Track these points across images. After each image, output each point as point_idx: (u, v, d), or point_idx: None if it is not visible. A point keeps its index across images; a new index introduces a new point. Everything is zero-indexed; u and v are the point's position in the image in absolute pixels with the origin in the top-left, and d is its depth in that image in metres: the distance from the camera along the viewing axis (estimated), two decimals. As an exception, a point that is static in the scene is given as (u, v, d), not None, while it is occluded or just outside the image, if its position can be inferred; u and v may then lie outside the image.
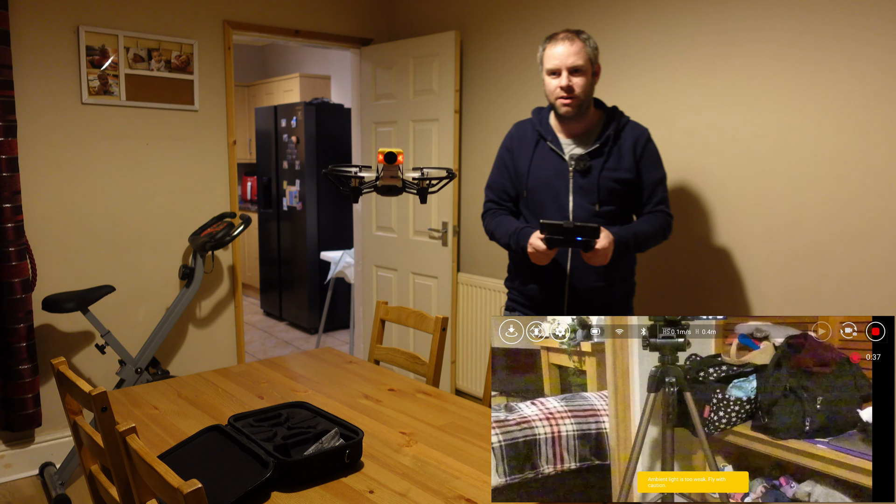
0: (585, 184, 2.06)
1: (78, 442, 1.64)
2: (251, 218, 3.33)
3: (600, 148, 2.06)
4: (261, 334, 5.52)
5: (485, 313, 3.48)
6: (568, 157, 2.08)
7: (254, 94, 6.90)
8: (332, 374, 2.14)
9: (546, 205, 2.10)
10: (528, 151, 2.15)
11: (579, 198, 2.06)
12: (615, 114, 2.12)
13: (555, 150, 2.10)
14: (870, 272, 2.14)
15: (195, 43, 3.27)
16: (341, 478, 1.44)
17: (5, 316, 2.76)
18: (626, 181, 2.07)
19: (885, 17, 2.05)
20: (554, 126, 2.14)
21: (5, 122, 2.69)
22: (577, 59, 2.00)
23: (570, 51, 2.00)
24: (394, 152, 1.58)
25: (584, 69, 2.01)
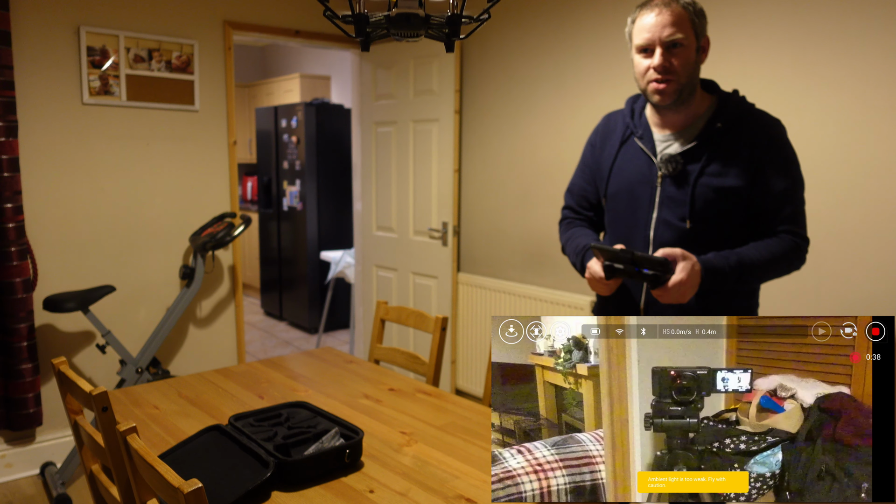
0: (676, 193, 1.59)
1: (79, 441, 1.64)
2: (251, 218, 3.34)
3: (702, 145, 1.58)
4: (261, 334, 5.52)
5: (485, 313, 3.48)
6: (659, 159, 1.63)
7: (254, 95, 6.90)
8: (333, 374, 2.14)
9: (624, 218, 1.69)
10: (612, 149, 1.72)
11: (666, 211, 1.60)
12: (731, 100, 1.63)
13: (644, 148, 1.65)
14: (870, 272, 2.14)
15: (196, 43, 3.27)
16: (341, 477, 1.44)
17: (6, 315, 2.76)
18: (734, 191, 1.56)
19: (885, 17, 2.06)
20: (649, 118, 1.68)
21: (6, 123, 2.69)
22: (676, 30, 1.53)
23: (667, 20, 1.53)
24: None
25: (685, 42, 1.54)
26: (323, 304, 5.15)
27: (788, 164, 1.59)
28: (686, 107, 1.60)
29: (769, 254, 1.55)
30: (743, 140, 1.57)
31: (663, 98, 1.57)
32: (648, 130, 1.67)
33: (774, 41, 2.32)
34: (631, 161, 1.67)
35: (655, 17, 1.54)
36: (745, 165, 1.56)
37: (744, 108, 1.62)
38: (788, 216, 1.58)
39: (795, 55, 2.27)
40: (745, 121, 1.59)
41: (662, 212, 1.61)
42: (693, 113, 1.62)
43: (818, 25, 2.21)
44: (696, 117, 1.62)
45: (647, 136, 1.66)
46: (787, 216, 1.58)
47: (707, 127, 1.60)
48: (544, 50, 3.12)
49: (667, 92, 1.56)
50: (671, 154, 1.61)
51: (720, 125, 1.58)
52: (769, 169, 1.56)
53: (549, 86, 3.12)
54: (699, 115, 1.62)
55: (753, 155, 1.56)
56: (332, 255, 4.82)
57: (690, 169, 1.58)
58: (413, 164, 3.75)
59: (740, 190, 1.56)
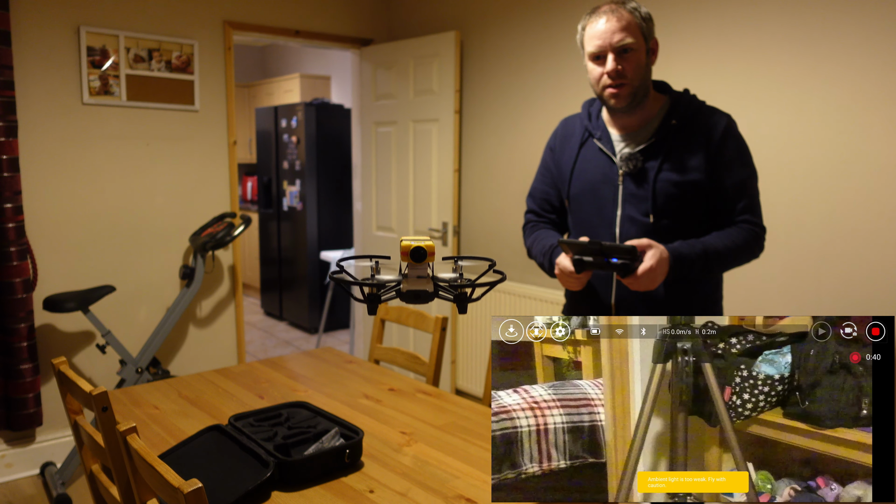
0: (638, 190, 1.65)
1: (79, 441, 1.64)
2: (251, 218, 3.34)
3: (658, 143, 1.64)
4: (261, 334, 5.52)
5: (485, 313, 3.48)
6: (619, 158, 1.68)
7: (254, 95, 6.90)
8: (333, 374, 2.14)
9: (588, 217, 1.73)
10: (572, 151, 1.77)
11: (629, 208, 1.66)
12: (683, 99, 1.69)
13: (603, 149, 1.70)
14: (870, 272, 2.14)
15: (195, 43, 3.27)
16: (341, 477, 1.44)
17: (6, 316, 2.76)
18: (692, 185, 1.62)
19: (885, 17, 2.06)
20: (606, 120, 1.74)
21: (6, 123, 2.69)
22: (625, 35, 1.58)
23: (616, 26, 1.58)
24: (422, 247, 1.15)
25: (635, 47, 1.59)
26: (323, 304, 5.15)
27: (742, 156, 1.66)
28: (641, 108, 1.66)
29: (731, 242, 1.61)
30: (697, 136, 1.63)
31: (618, 102, 1.63)
32: (606, 132, 1.73)
33: (773, 42, 2.32)
34: (591, 162, 1.73)
35: (605, 24, 1.59)
36: (702, 160, 1.62)
37: (695, 106, 1.68)
38: (746, 207, 1.65)
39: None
40: (697, 117, 1.66)
41: (626, 209, 1.66)
42: (648, 113, 1.68)
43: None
44: (651, 117, 1.68)
45: (606, 138, 1.72)
46: (745, 207, 1.64)
47: (662, 125, 1.65)
48: (544, 50, 3.12)
49: (621, 96, 1.62)
50: (630, 152, 1.66)
51: (675, 122, 1.64)
52: (725, 162, 1.63)
53: (549, 86, 3.12)
54: (654, 114, 1.69)
55: (709, 149, 1.62)
56: (332, 254, 4.83)
57: (649, 166, 1.64)
58: (413, 164, 3.75)
59: (699, 183, 1.62)
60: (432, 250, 1.15)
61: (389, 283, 1.18)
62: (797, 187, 2.28)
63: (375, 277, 1.19)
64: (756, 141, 2.37)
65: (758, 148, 2.36)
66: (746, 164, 1.66)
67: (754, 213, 1.66)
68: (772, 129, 2.33)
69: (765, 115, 2.35)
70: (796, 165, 2.28)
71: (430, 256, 1.16)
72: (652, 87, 1.69)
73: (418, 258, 1.16)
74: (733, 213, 1.64)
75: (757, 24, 2.35)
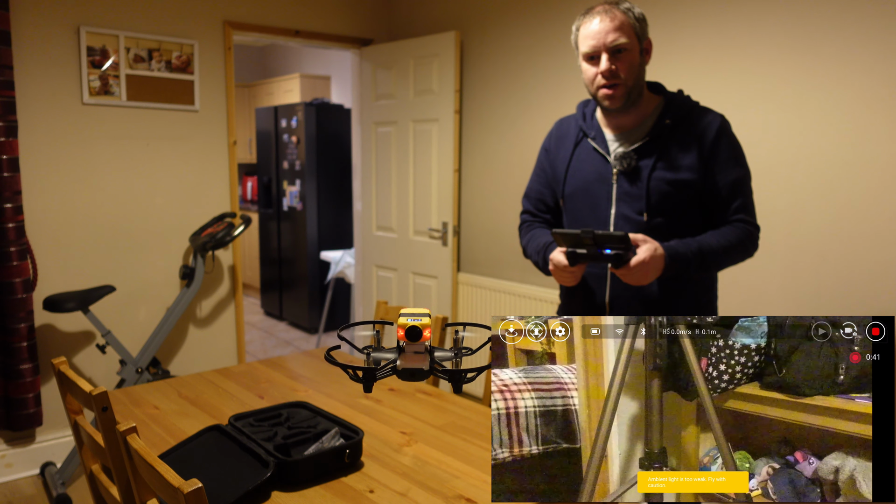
0: (632, 189, 1.66)
1: (79, 441, 1.64)
2: (251, 218, 3.34)
3: (652, 143, 1.66)
4: (261, 334, 5.52)
5: (485, 313, 3.48)
6: (613, 157, 1.70)
7: (254, 95, 6.90)
8: (333, 374, 2.14)
9: (583, 216, 1.74)
10: (567, 151, 1.79)
11: (624, 206, 1.67)
12: (676, 99, 1.71)
13: (598, 148, 1.72)
14: (870, 272, 2.14)
15: (196, 43, 3.27)
16: (341, 477, 1.44)
17: (6, 316, 2.76)
18: (686, 184, 1.63)
19: (884, 16, 2.06)
20: (600, 120, 1.76)
21: (6, 123, 2.69)
22: (619, 35, 1.59)
23: (609, 26, 1.60)
24: (417, 327, 1.11)
25: (629, 47, 1.61)
26: (323, 304, 5.15)
27: (736, 156, 1.67)
28: (635, 108, 1.68)
29: (726, 241, 1.62)
30: (691, 135, 1.65)
31: (613, 102, 1.64)
32: (600, 132, 1.74)
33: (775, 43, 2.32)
34: (586, 161, 1.74)
35: (599, 25, 1.61)
36: (696, 159, 1.63)
37: (689, 106, 1.69)
38: (740, 206, 1.66)
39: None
40: (691, 117, 1.67)
41: (620, 207, 1.68)
42: (642, 113, 1.69)
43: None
44: (645, 117, 1.70)
45: (600, 137, 1.73)
46: (740, 206, 1.66)
47: (657, 124, 1.67)
48: (544, 50, 3.12)
49: (616, 96, 1.63)
50: (625, 151, 1.68)
51: (669, 122, 1.66)
52: (718, 162, 1.64)
53: (549, 86, 3.12)
54: (648, 114, 1.70)
55: (702, 149, 1.64)
56: (332, 255, 4.83)
57: (643, 164, 1.65)
58: (413, 164, 3.75)
59: (693, 182, 1.63)
60: (428, 328, 1.12)
61: (385, 363, 1.16)
62: (797, 187, 2.28)
63: (371, 356, 1.18)
64: (756, 141, 2.37)
65: (758, 147, 2.36)
66: (740, 164, 1.67)
67: (748, 212, 1.67)
68: (771, 128, 2.33)
69: (764, 115, 2.35)
70: (796, 165, 2.28)
71: (426, 334, 1.12)
72: (646, 87, 1.70)
73: (414, 337, 1.13)
74: (727, 212, 1.66)
75: (757, 24, 2.35)
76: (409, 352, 1.15)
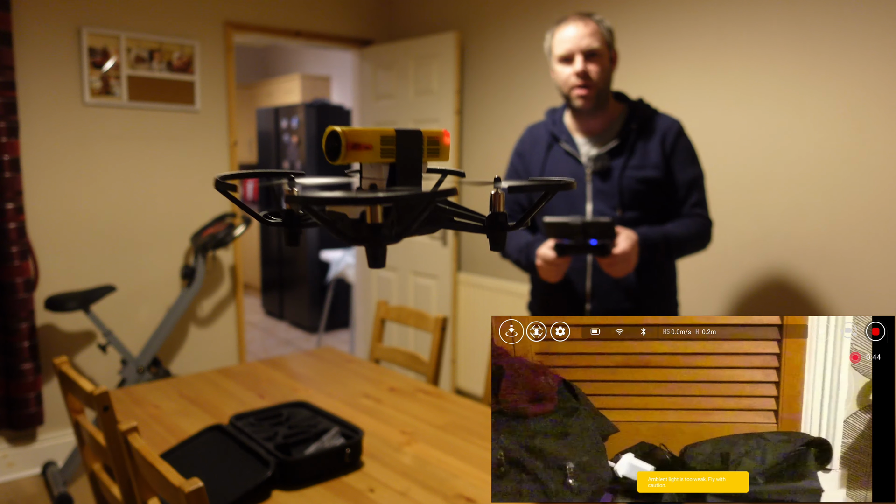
0: (605, 187, 1.82)
1: (80, 441, 1.64)
2: (252, 218, 3.34)
3: (621, 145, 1.83)
4: (262, 334, 5.53)
5: (485, 313, 3.49)
6: (585, 159, 1.86)
7: (254, 95, 6.90)
8: (333, 374, 2.14)
9: (562, 214, 1.87)
10: (539, 155, 1.93)
11: (599, 203, 1.83)
12: (639, 106, 1.89)
13: (570, 151, 1.88)
14: (870, 272, 2.14)
15: (196, 44, 3.28)
16: (342, 476, 1.45)
17: (8, 315, 2.77)
18: (653, 181, 1.82)
19: (884, 16, 2.06)
20: (569, 125, 1.92)
21: (8, 123, 2.69)
22: (592, 40, 1.77)
23: (584, 32, 1.77)
24: (336, 131, 0.69)
25: (600, 52, 1.79)
26: (323, 304, 5.16)
27: (692, 156, 1.88)
28: (603, 112, 1.86)
29: (687, 230, 1.82)
30: (654, 138, 1.84)
31: (585, 102, 1.81)
32: (570, 136, 1.91)
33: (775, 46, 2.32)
34: (558, 164, 1.89)
35: (574, 30, 1.79)
36: (659, 158, 1.83)
37: (650, 112, 1.88)
38: (697, 201, 1.86)
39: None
40: (653, 121, 1.86)
41: (596, 204, 1.84)
42: (608, 118, 1.88)
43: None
44: (612, 121, 1.88)
45: (571, 141, 1.90)
46: (697, 201, 1.86)
47: (624, 129, 1.85)
48: (544, 50, 3.12)
49: (588, 97, 1.80)
50: (599, 153, 1.85)
51: (634, 126, 1.84)
52: (678, 161, 1.85)
53: (549, 86, 3.12)
54: (613, 119, 1.89)
55: (663, 150, 1.83)
56: (332, 255, 4.83)
57: (615, 165, 1.83)
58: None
59: (658, 179, 1.82)
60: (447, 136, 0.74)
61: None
62: (797, 187, 2.28)
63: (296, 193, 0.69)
64: (755, 140, 2.37)
65: (757, 147, 2.37)
66: (695, 163, 1.88)
67: (704, 206, 1.88)
68: (771, 129, 2.34)
69: (764, 115, 2.35)
70: (796, 165, 2.28)
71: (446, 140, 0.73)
72: (611, 96, 1.87)
73: (333, 157, 0.69)
74: (685, 206, 1.85)
75: (756, 24, 2.35)
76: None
